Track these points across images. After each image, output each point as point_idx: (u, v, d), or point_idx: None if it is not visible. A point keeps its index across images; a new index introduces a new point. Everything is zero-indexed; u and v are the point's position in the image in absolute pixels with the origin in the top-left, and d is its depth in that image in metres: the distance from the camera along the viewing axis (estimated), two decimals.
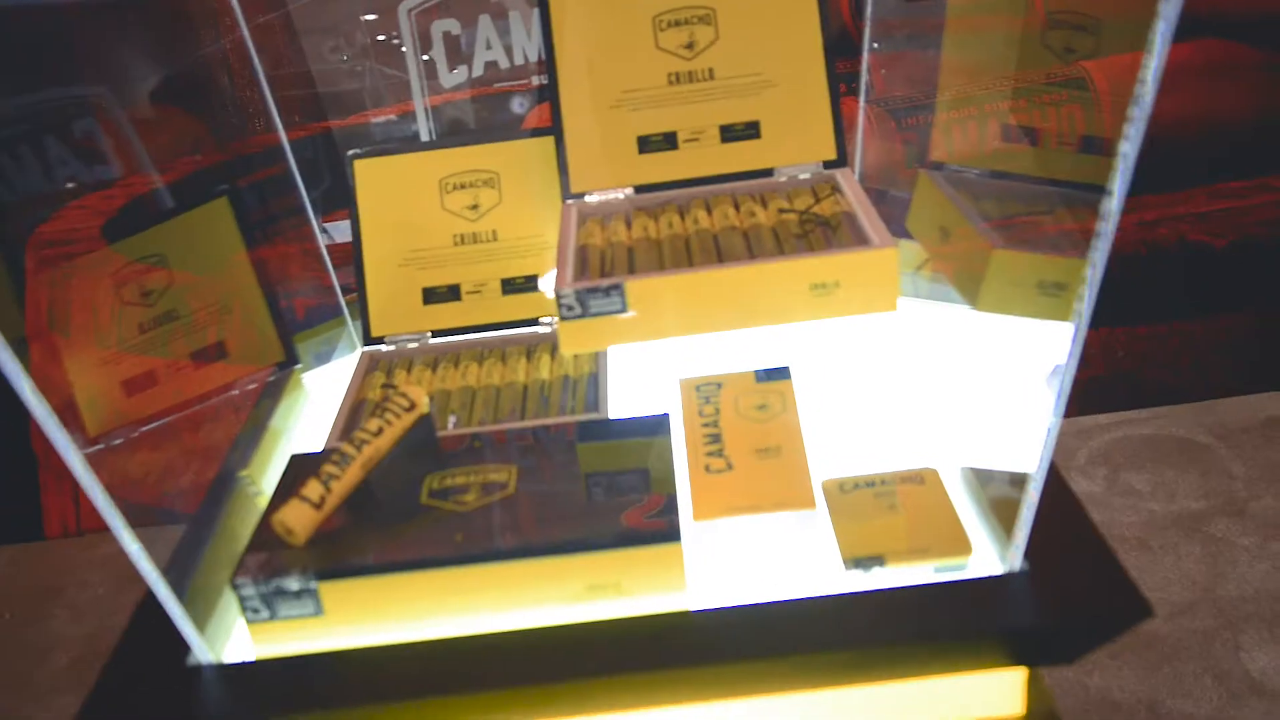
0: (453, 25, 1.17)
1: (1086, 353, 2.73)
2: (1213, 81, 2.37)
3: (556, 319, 0.94)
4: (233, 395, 1.13)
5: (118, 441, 1.06)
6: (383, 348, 1.16)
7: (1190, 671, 1.86)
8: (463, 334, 1.16)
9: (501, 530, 0.82)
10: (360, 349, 1.17)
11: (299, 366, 1.16)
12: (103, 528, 0.74)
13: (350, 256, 1.16)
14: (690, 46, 1.11)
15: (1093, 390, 2.58)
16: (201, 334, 1.13)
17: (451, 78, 1.18)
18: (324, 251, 1.24)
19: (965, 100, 1.13)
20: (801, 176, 1.10)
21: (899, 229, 1.17)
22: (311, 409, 1.16)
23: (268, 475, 1.02)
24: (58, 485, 2.84)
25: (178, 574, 0.78)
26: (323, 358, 1.23)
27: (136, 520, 0.76)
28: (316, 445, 1.03)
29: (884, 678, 0.80)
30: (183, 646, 0.80)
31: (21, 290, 1.77)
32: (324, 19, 1.25)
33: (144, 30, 1.15)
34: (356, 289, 1.18)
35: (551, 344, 1.14)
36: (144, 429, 1.08)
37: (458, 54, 1.18)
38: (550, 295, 1.15)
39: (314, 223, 1.25)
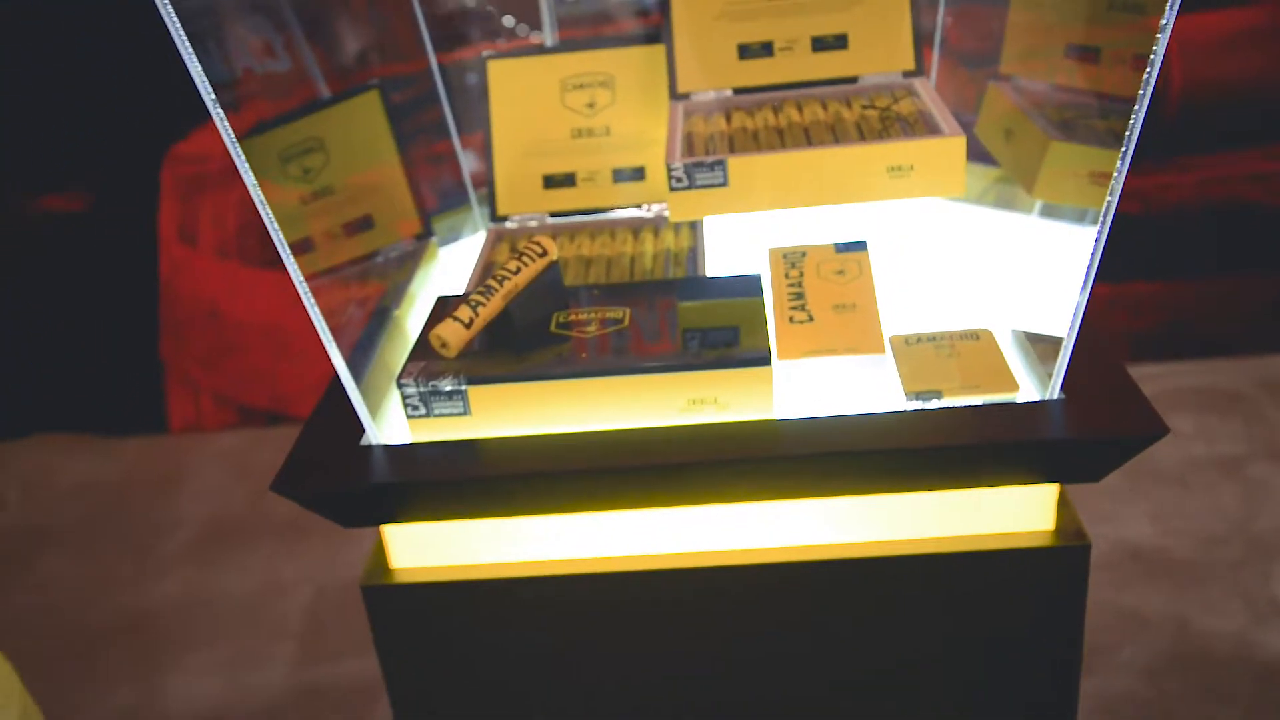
0: None
1: (1143, 305, 2.83)
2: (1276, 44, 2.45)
3: (661, 205, 1.09)
4: (377, 261, 1.30)
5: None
6: (507, 224, 1.33)
7: (1219, 595, 1.98)
8: (577, 215, 1.32)
9: (618, 352, 0.99)
10: (486, 228, 1.34)
11: (434, 238, 1.34)
12: (220, 427, 0.91)
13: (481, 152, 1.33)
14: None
15: (1146, 341, 2.68)
16: (352, 207, 1.30)
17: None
18: (458, 147, 1.41)
19: (1036, 24, 1.26)
20: (882, 83, 1.25)
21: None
22: (444, 275, 1.33)
23: (413, 315, 1.19)
24: (183, 388, 3.09)
25: (354, 374, 0.96)
26: (452, 238, 1.40)
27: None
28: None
29: (935, 485, 0.95)
30: (358, 431, 0.97)
31: None
32: None
33: None
34: (486, 180, 1.35)
35: (655, 226, 1.30)
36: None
37: None
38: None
39: (451, 126, 1.41)
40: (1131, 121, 0.84)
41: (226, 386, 3.09)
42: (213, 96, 0.85)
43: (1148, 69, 0.82)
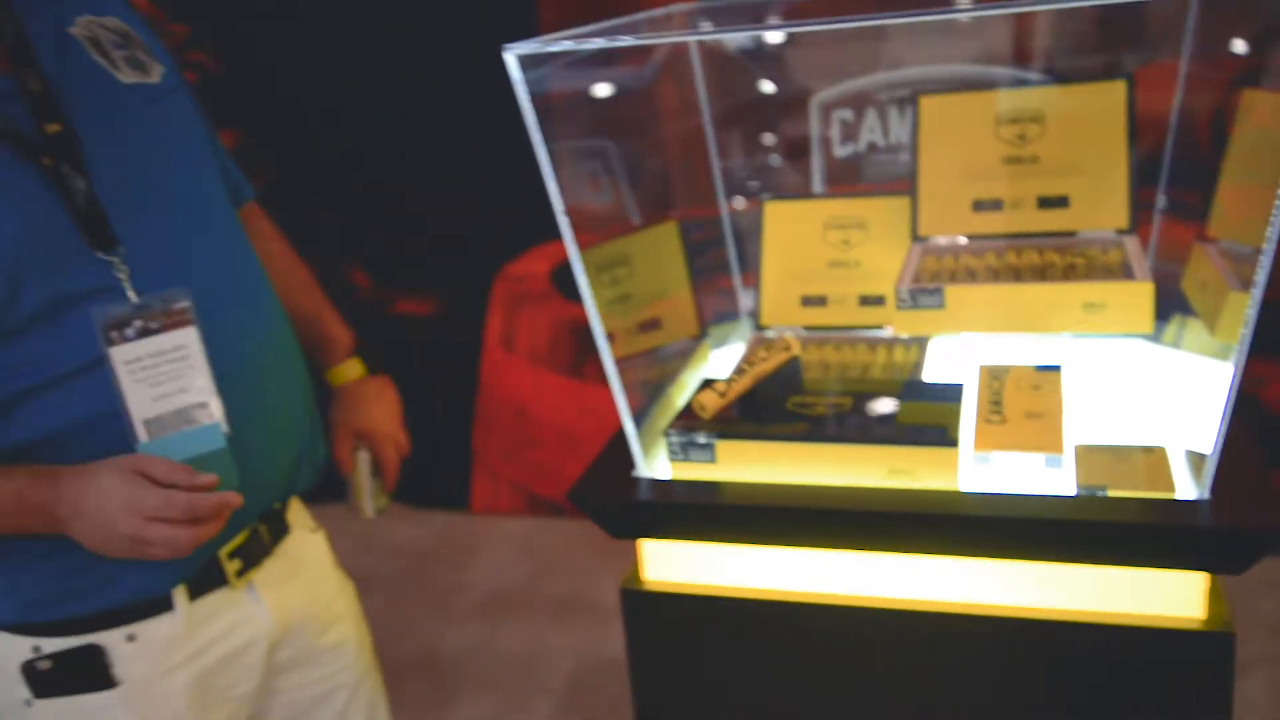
0: (848, 114, 1.65)
1: None
2: None
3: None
4: (660, 353, 1.63)
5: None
6: (767, 333, 1.63)
7: None
8: (826, 330, 1.60)
9: (838, 427, 1.25)
10: (750, 336, 1.64)
11: (708, 340, 1.65)
12: (512, 511, 1.24)
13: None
14: (1022, 138, 1.51)
15: None
16: (647, 310, 1.64)
17: (843, 149, 1.65)
18: (735, 270, 1.74)
19: (1240, 195, 1.45)
20: (1097, 238, 1.47)
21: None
22: (710, 368, 1.64)
23: (683, 395, 1.50)
24: (486, 475, 3.56)
25: (636, 425, 1.27)
26: (722, 343, 1.71)
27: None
28: None
29: (1091, 559, 1.13)
30: (631, 465, 1.29)
31: None
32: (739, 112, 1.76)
33: (642, 106, 1.70)
34: (754, 297, 1.66)
35: (889, 344, 1.55)
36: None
37: (850, 134, 1.66)
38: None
39: (732, 255, 1.74)
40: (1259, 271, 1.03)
41: (523, 477, 3.53)
42: (565, 218, 1.20)
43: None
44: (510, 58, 1.15)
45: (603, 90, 1.52)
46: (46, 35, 1.17)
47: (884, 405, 1.29)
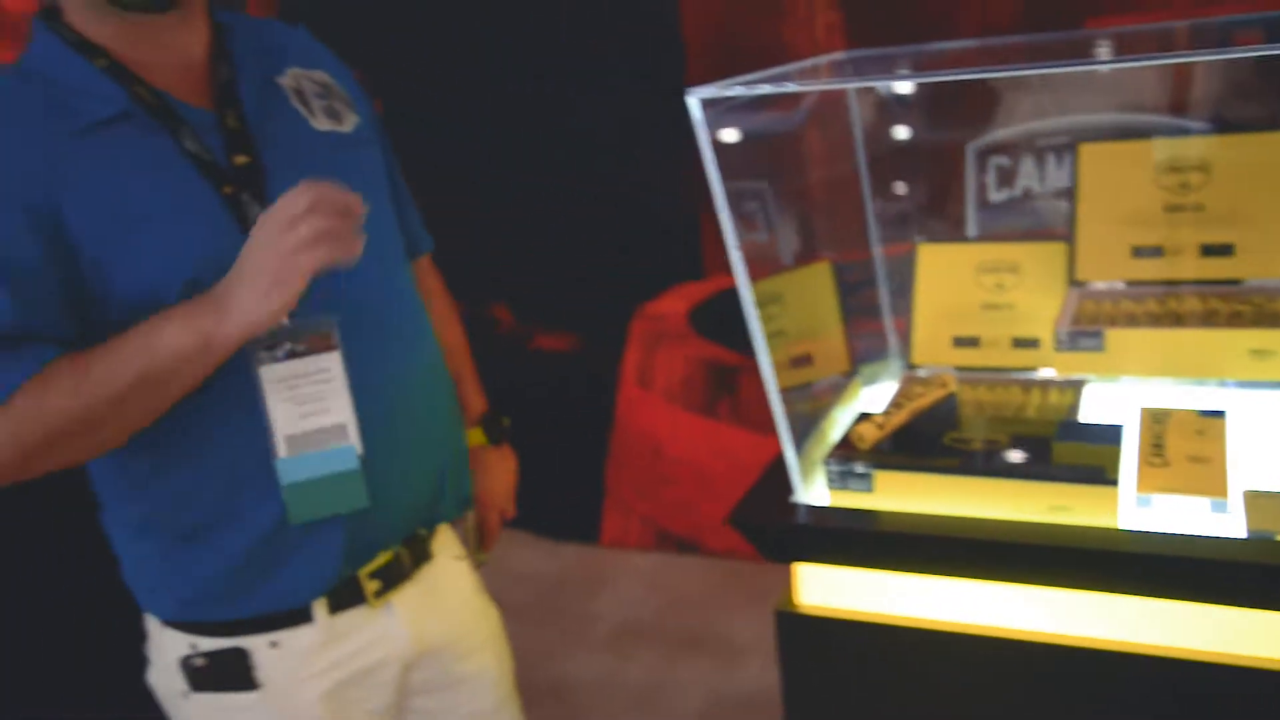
0: (1004, 160, 1.67)
1: None
2: None
3: (1051, 371, 1.37)
4: (813, 388, 1.67)
5: None
6: (919, 372, 1.65)
7: None
8: (978, 371, 1.62)
9: (995, 463, 1.27)
10: (901, 376, 1.67)
11: (859, 377, 1.69)
12: (641, 546, 1.29)
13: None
14: (1184, 186, 1.52)
15: None
16: (799, 345, 1.69)
17: (998, 194, 1.68)
18: (887, 315, 1.77)
19: None
20: (1265, 285, 1.46)
21: None
22: (861, 404, 1.67)
23: (834, 428, 1.54)
24: (617, 509, 3.63)
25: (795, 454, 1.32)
26: (872, 381, 1.74)
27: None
28: None
29: (1265, 604, 1.13)
30: (787, 492, 1.33)
31: None
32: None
33: (798, 150, 1.76)
34: (905, 336, 1.69)
35: (1043, 386, 1.56)
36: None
37: (1006, 179, 1.68)
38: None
39: (883, 296, 1.78)
40: None
41: (654, 513, 3.59)
42: (738, 253, 1.26)
43: None
44: (693, 101, 1.22)
45: (763, 133, 1.58)
46: (255, 81, 1.29)
47: (1041, 443, 1.31)
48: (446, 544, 1.52)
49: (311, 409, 1.24)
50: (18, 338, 1.12)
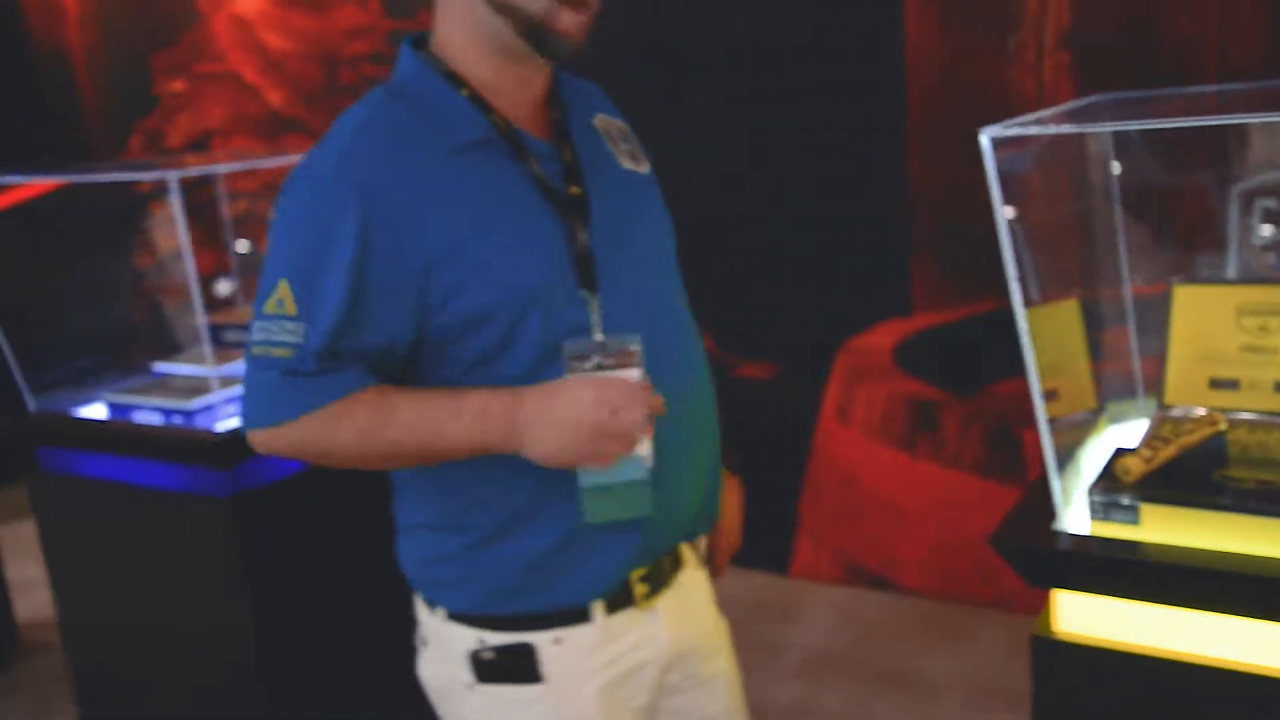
0: (1271, 202, 1.66)
1: None
2: None
3: None
4: (1060, 422, 1.68)
5: None
6: (1172, 413, 1.65)
7: None
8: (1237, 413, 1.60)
9: (1269, 502, 1.26)
10: (1150, 416, 1.67)
11: (1105, 415, 1.69)
12: (831, 579, 1.32)
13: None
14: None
15: None
16: (1046, 380, 1.70)
17: (1261, 238, 1.67)
18: (1135, 355, 1.77)
19: None
20: None
21: None
22: (1107, 442, 1.67)
23: (1080, 463, 1.55)
24: (810, 540, 3.66)
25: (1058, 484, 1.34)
26: (1118, 419, 1.74)
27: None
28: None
29: None
30: (1047, 519, 1.35)
31: None
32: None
33: (1055, 187, 1.78)
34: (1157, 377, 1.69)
35: None
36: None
37: (1272, 223, 1.67)
38: None
39: (1133, 341, 1.77)
40: None
41: (847, 546, 3.60)
42: (1017, 284, 1.30)
43: None
44: (985, 139, 1.27)
45: (1026, 170, 1.61)
46: (580, 122, 1.44)
47: None
48: (691, 553, 1.60)
49: None
50: (344, 358, 1.28)
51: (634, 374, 1.31)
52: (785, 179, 3.44)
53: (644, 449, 1.31)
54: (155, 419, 2.38)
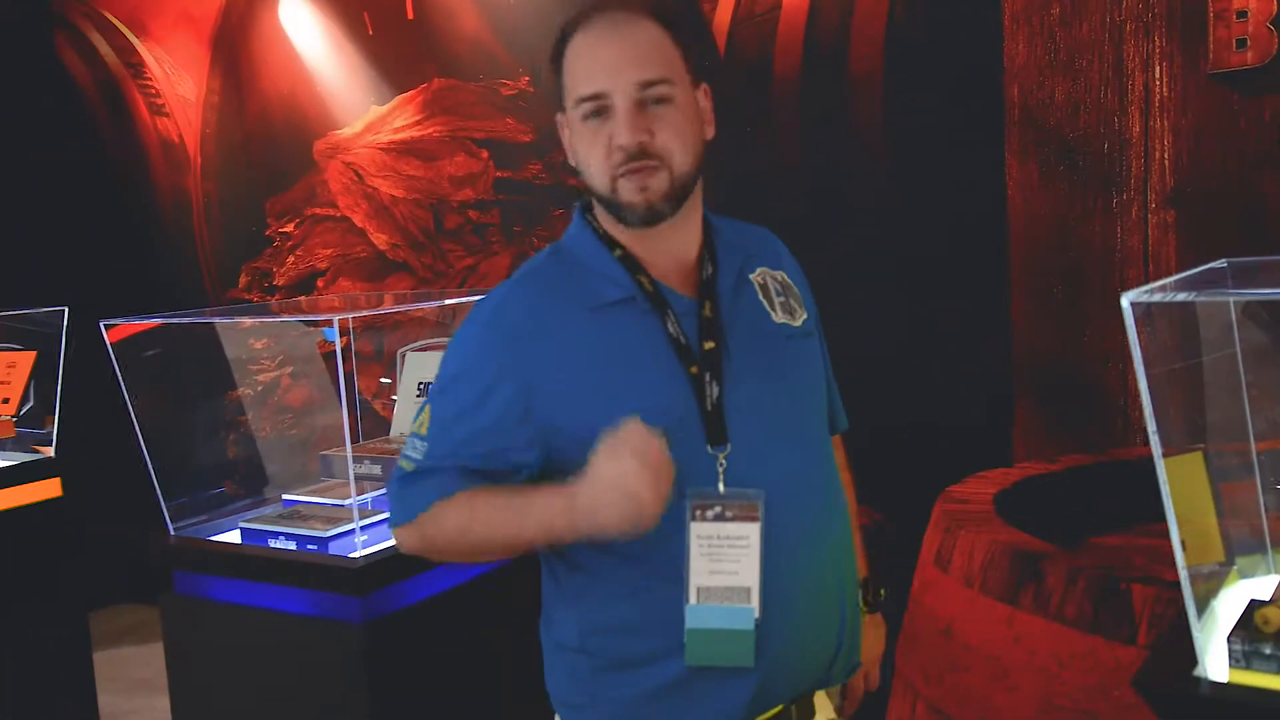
0: None
1: None
2: None
3: None
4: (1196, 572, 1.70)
5: None
6: None
7: None
8: None
9: None
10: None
11: (1236, 568, 1.72)
12: None
13: None
14: None
15: None
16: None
17: None
18: (1262, 510, 1.80)
19: None
20: None
21: None
22: (1237, 593, 1.69)
23: (1222, 611, 1.57)
24: (903, 691, 3.61)
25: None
26: (1249, 575, 1.76)
27: None
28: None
29: None
30: (1193, 663, 1.38)
31: None
32: None
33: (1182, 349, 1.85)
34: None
35: None
36: None
37: None
38: None
39: (1260, 495, 1.81)
40: None
41: (942, 699, 3.54)
42: (1156, 436, 1.36)
43: None
44: (1125, 303, 1.36)
45: (1158, 330, 1.67)
46: (730, 276, 1.52)
47: None
48: (825, 703, 1.62)
49: (725, 568, 1.41)
50: (445, 472, 1.45)
51: (752, 529, 1.39)
52: (890, 330, 3.52)
53: (753, 600, 1.37)
54: (291, 546, 2.49)
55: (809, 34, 3.58)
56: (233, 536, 2.66)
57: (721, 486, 1.41)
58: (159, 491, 2.70)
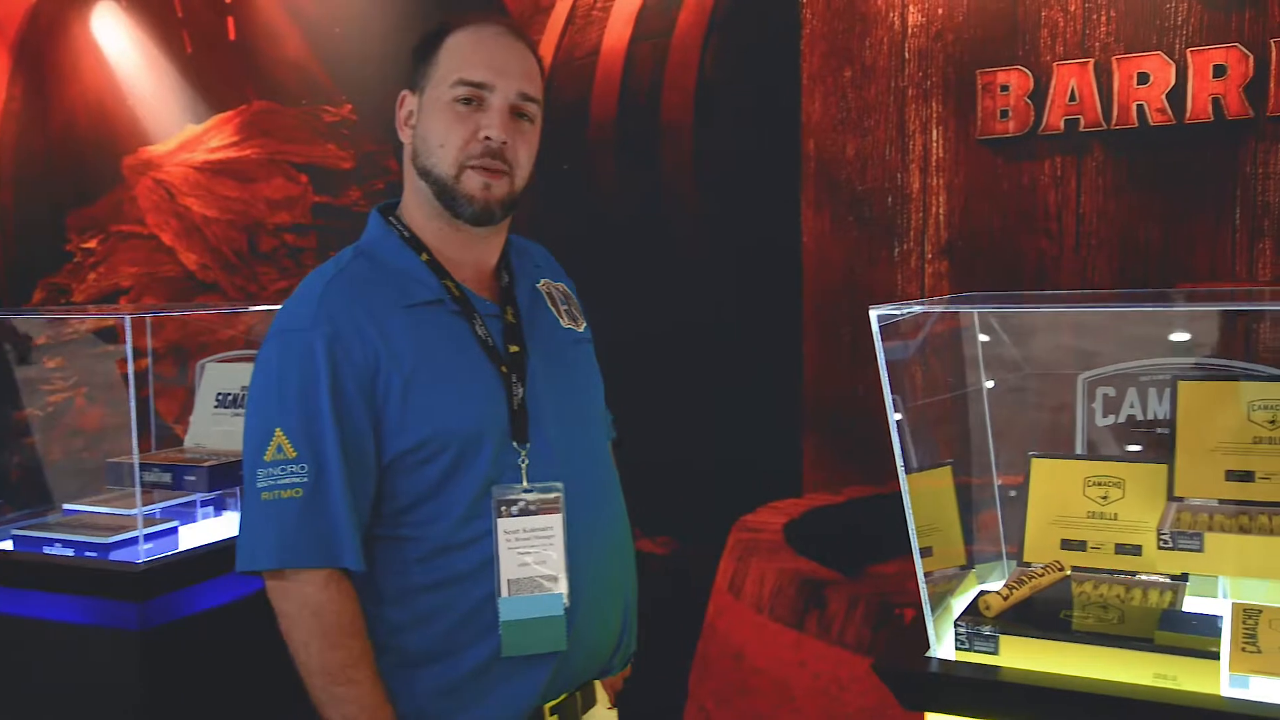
0: (1110, 390, 1.93)
1: None
2: None
3: (1152, 576, 1.59)
4: (933, 575, 1.87)
5: None
6: (1032, 568, 1.86)
7: None
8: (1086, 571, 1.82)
9: (1108, 636, 1.46)
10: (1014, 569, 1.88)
11: (974, 572, 1.89)
12: None
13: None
14: (1273, 422, 1.76)
15: None
16: (923, 538, 1.90)
17: (1103, 420, 1.93)
18: (1000, 519, 1.99)
19: None
20: None
21: None
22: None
23: (958, 604, 1.73)
24: (697, 715, 3.72)
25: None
26: (984, 577, 1.94)
27: None
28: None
29: None
30: (926, 646, 1.53)
31: None
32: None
33: (929, 367, 2.04)
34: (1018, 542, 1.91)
35: (1142, 586, 1.75)
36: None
37: (1111, 408, 1.94)
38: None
39: (998, 507, 2.00)
40: None
41: None
42: (901, 448, 1.50)
43: None
44: (874, 316, 1.51)
45: (909, 356, 1.85)
46: (526, 286, 1.62)
47: (1147, 627, 1.50)
48: (603, 693, 1.69)
49: (531, 559, 1.48)
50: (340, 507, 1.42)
51: (555, 520, 1.47)
52: (687, 364, 3.67)
53: (561, 586, 1.45)
54: (69, 553, 2.41)
55: (625, 81, 3.74)
56: (5, 545, 2.55)
57: (525, 481, 1.48)
58: None
